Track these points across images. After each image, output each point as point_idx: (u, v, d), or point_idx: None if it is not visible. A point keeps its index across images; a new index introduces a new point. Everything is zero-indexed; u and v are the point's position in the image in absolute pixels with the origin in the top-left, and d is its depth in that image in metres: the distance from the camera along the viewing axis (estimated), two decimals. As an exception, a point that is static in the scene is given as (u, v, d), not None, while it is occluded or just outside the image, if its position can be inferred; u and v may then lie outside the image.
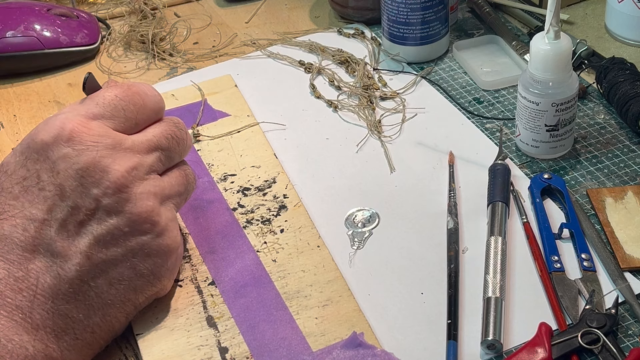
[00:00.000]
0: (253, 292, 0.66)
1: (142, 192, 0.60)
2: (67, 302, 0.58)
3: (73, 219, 0.58)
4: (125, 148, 0.61)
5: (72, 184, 0.58)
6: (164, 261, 0.63)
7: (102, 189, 0.59)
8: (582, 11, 1.00)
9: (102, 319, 0.60)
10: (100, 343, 0.61)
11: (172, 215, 0.64)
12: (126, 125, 0.62)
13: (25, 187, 0.59)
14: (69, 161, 0.58)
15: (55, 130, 0.59)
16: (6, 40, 0.96)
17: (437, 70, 0.92)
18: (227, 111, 0.87)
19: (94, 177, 0.59)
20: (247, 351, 0.62)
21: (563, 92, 0.74)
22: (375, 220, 0.73)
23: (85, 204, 0.59)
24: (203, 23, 1.06)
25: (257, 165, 0.79)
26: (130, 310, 0.62)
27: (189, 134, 0.67)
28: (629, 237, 0.68)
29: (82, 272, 0.58)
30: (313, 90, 0.91)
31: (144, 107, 0.64)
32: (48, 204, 0.58)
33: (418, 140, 0.82)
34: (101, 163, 0.59)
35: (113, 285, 0.60)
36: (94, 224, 0.59)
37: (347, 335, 0.62)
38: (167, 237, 0.62)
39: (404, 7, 0.89)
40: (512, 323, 0.63)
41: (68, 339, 0.58)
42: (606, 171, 0.76)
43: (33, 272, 0.57)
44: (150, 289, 0.63)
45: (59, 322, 0.58)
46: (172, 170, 0.65)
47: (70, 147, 0.59)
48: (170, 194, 0.64)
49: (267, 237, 0.71)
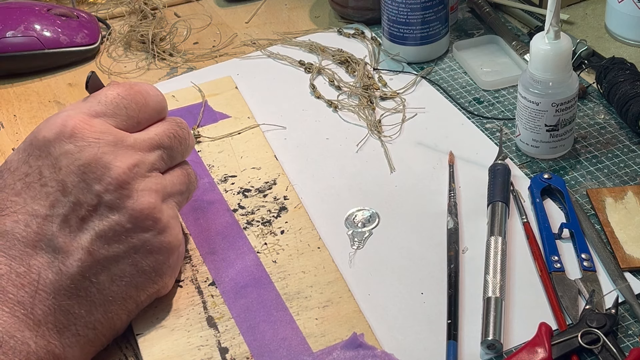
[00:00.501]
0: (253, 292, 0.66)
1: (143, 189, 0.61)
2: (69, 297, 0.58)
3: (75, 214, 0.59)
4: (127, 145, 0.61)
5: (74, 180, 0.59)
6: (166, 258, 0.63)
7: (103, 185, 0.59)
8: (582, 11, 1.00)
9: (104, 315, 0.60)
10: (101, 340, 0.61)
11: (174, 213, 0.64)
12: (128, 124, 0.63)
13: (28, 184, 0.59)
14: (71, 157, 0.59)
15: (57, 127, 0.60)
16: (6, 40, 0.96)
17: (437, 70, 0.92)
18: (228, 113, 0.87)
19: (95, 173, 0.59)
20: (248, 351, 0.62)
21: (563, 92, 0.74)
22: (375, 220, 0.73)
23: (87, 199, 0.59)
24: (203, 23, 1.06)
25: (257, 167, 0.79)
26: (131, 308, 0.62)
27: (191, 134, 0.67)
28: (629, 237, 0.68)
29: (83, 268, 0.58)
30: (313, 90, 0.91)
31: (146, 106, 0.64)
32: (50, 199, 0.59)
33: (418, 140, 0.82)
34: (103, 159, 0.59)
35: (115, 281, 0.60)
36: (95, 220, 0.59)
37: (347, 336, 0.62)
38: (169, 234, 0.62)
39: (404, 7, 0.89)
40: (512, 323, 0.63)
41: (70, 335, 0.58)
42: (606, 171, 0.76)
43: (35, 268, 0.57)
44: (151, 287, 0.63)
45: (61, 317, 0.58)
46: (174, 169, 0.66)
47: (72, 143, 0.59)
48: (172, 192, 0.64)
49: (268, 238, 0.71)
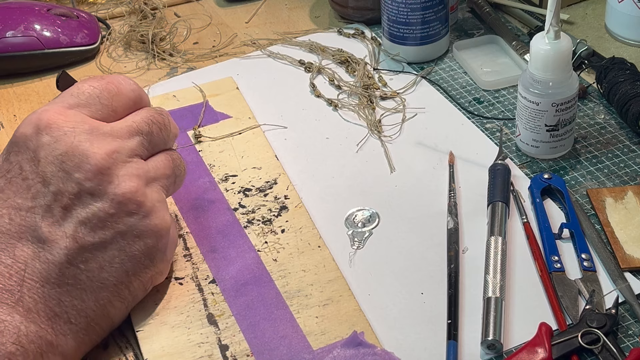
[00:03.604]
0: (254, 290, 0.66)
1: (124, 174, 0.61)
2: (59, 286, 0.59)
3: (57, 204, 0.59)
4: (104, 132, 0.61)
5: (53, 170, 0.59)
6: (155, 242, 0.63)
7: (83, 173, 0.59)
8: (582, 11, 1.00)
9: (96, 302, 0.60)
10: (96, 330, 0.61)
11: (160, 197, 0.64)
12: (104, 112, 0.63)
13: (9, 179, 0.60)
14: (48, 148, 0.59)
15: (33, 122, 0.61)
16: (6, 40, 0.96)
17: (437, 70, 0.92)
18: (229, 113, 0.87)
19: (73, 161, 0.59)
20: (248, 349, 0.62)
21: (563, 92, 0.74)
22: (375, 220, 0.73)
23: (68, 188, 0.59)
24: (203, 23, 1.06)
25: (258, 167, 0.79)
26: (125, 295, 0.62)
27: (172, 122, 0.67)
28: (629, 237, 0.68)
29: (70, 256, 0.59)
30: (313, 89, 0.91)
31: (118, 94, 0.64)
32: (32, 192, 0.59)
33: (418, 140, 0.82)
34: (80, 147, 0.60)
35: (104, 268, 0.60)
36: (78, 208, 0.59)
37: (347, 334, 0.62)
38: (155, 217, 0.62)
39: (404, 7, 0.89)
40: (512, 323, 0.63)
41: (62, 322, 0.59)
42: (606, 171, 0.76)
43: (21, 259, 0.58)
44: (144, 272, 0.63)
45: (52, 306, 0.58)
46: (157, 155, 0.66)
47: (48, 134, 0.60)
48: (156, 176, 0.64)
49: (268, 237, 0.71)
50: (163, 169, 0.65)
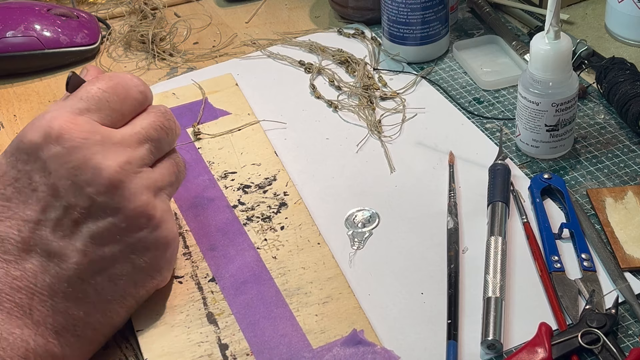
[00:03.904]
0: (253, 289, 0.66)
1: (136, 187, 0.60)
2: (67, 300, 0.58)
3: (68, 218, 0.58)
4: (115, 143, 0.60)
5: (65, 183, 0.58)
6: (163, 253, 0.62)
7: (95, 187, 0.58)
8: (582, 11, 1.00)
9: (103, 314, 0.60)
10: (100, 340, 0.61)
11: (167, 206, 0.64)
12: (113, 117, 0.62)
13: (18, 189, 0.59)
14: (60, 160, 0.58)
15: (43, 130, 0.59)
16: (6, 40, 0.96)
17: (437, 70, 0.92)
18: (228, 109, 0.87)
19: (86, 175, 0.58)
20: (247, 348, 0.62)
21: (563, 92, 0.74)
22: (375, 220, 0.73)
23: (80, 202, 0.58)
24: (203, 23, 1.06)
25: (257, 163, 0.79)
26: (131, 304, 0.62)
27: (176, 123, 0.66)
28: (629, 237, 0.68)
29: (80, 271, 0.58)
30: (313, 90, 0.91)
31: (128, 98, 0.63)
32: (41, 204, 0.58)
33: (418, 140, 0.82)
34: (92, 160, 0.58)
35: (113, 281, 0.60)
36: (89, 222, 0.59)
37: (347, 332, 0.62)
38: (164, 228, 0.62)
39: (404, 7, 0.89)
40: (512, 323, 0.63)
41: (69, 335, 0.58)
42: (606, 171, 0.76)
43: (30, 272, 0.57)
44: (150, 282, 0.63)
45: (60, 319, 0.58)
46: (163, 161, 0.65)
47: (60, 145, 0.58)
48: (163, 185, 0.64)
49: (268, 234, 0.71)
50: (169, 176, 0.64)
